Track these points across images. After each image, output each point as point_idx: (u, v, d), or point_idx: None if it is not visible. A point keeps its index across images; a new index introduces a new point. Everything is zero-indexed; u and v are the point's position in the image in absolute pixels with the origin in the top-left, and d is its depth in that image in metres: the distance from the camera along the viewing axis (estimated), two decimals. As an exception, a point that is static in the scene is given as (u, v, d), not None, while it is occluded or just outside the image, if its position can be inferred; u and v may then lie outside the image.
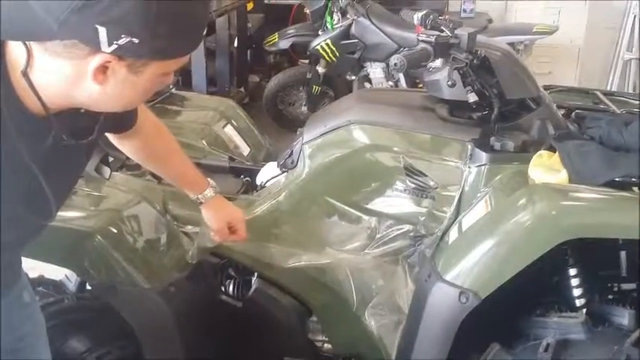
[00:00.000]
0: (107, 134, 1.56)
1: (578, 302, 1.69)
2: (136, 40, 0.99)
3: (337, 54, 4.49)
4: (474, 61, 1.75)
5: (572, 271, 1.70)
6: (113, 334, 1.77)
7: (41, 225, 1.31)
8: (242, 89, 5.51)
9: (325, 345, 2.05)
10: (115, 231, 1.79)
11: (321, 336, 2.06)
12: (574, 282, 1.70)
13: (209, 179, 1.80)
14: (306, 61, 4.99)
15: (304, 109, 4.95)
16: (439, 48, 1.73)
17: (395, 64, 1.73)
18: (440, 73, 1.88)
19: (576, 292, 1.70)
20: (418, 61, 1.75)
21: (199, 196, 1.77)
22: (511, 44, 3.75)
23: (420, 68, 1.88)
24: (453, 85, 1.71)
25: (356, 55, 4.51)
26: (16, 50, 1.06)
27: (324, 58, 4.54)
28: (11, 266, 1.35)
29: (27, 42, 1.04)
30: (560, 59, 4.47)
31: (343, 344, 2.00)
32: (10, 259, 1.32)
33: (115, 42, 0.98)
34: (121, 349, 1.79)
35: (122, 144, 1.64)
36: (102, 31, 0.96)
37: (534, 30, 4.25)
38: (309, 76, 4.79)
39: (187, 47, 1.10)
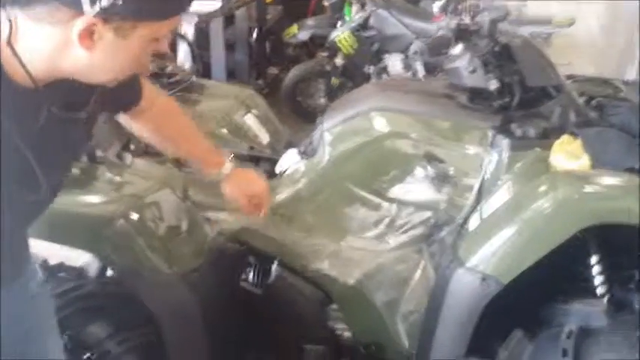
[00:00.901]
0: (120, 117, 1.53)
1: (600, 290, 1.68)
2: (119, 1, 0.97)
3: (356, 46, 4.49)
4: (495, 48, 1.74)
5: (594, 259, 1.69)
6: (134, 320, 1.77)
7: (37, 208, 1.26)
8: (260, 81, 5.52)
9: (345, 333, 2.04)
10: (137, 217, 1.80)
11: (341, 324, 2.05)
12: (596, 270, 1.69)
13: (224, 154, 1.74)
14: (325, 53, 4.99)
15: (323, 101, 4.95)
16: (460, 35, 1.73)
17: (415, 51, 1.72)
18: (460, 60, 1.87)
19: (598, 280, 1.69)
20: (438, 47, 1.76)
21: (219, 172, 1.72)
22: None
23: (440, 56, 1.88)
24: (474, 72, 1.71)
25: (374, 47, 4.50)
26: None
27: (343, 49, 4.54)
28: (12, 258, 1.23)
29: (9, 10, 1.01)
30: (579, 52, 4.42)
31: (363, 332, 1.99)
32: (12, 249, 1.21)
33: (97, 2, 0.96)
34: (142, 336, 1.79)
35: (133, 125, 1.59)
36: None
37: (553, 22, 4.22)
38: (327, 68, 4.78)
39: (175, 8, 1.08)
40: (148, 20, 1.04)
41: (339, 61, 4.65)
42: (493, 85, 1.86)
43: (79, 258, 1.79)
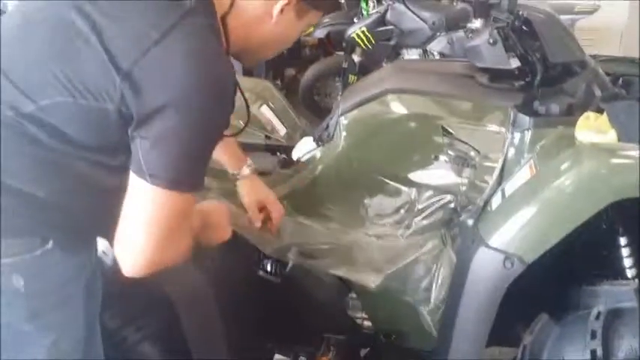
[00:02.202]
0: None
1: (630, 273, 1.62)
2: None
3: (373, 41, 4.43)
4: (516, 23, 1.69)
5: (623, 241, 1.63)
6: (151, 307, 1.75)
7: None
8: (278, 82, 5.51)
9: (365, 322, 2.00)
10: None
11: (360, 313, 2.01)
12: (625, 252, 1.63)
13: (248, 159, 1.82)
14: (342, 53, 4.95)
15: (340, 99, 4.91)
16: (479, 8, 1.68)
17: (433, 23, 1.68)
18: (480, 38, 1.82)
19: (627, 262, 1.63)
20: (457, 20, 1.71)
21: (236, 171, 1.81)
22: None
23: (459, 30, 1.82)
24: (494, 43, 1.65)
25: (392, 42, 4.43)
26: None
27: (360, 45, 4.49)
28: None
29: None
30: (602, 40, 4.35)
31: (383, 321, 1.95)
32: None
33: None
34: (160, 323, 1.77)
35: None
36: None
37: (576, 9, 4.15)
38: (344, 65, 4.74)
39: (329, 8, 1.41)
40: (318, 9, 1.31)
41: (356, 57, 4.61)
42: (514, 63, 1.80)
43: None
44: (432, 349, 1.78)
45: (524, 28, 1.77)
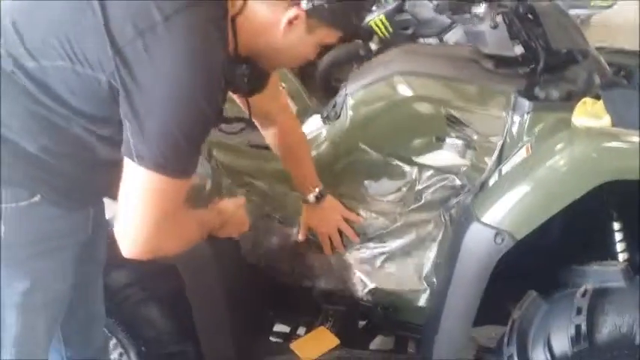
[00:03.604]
0: (255, 120, 1.76)
1: (621, 256, 1.66)
2: (326, 5, 1.24)
3: (390, 30, 4.48)
4: (519, 9, 1.73)
5: (617, 226, 1.67)
6: (158, 271, 1.81)
7: None
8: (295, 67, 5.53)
9: (365, 295, 2.05)
10: None
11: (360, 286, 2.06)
12: (617, 236, 1.68)
13: (318, 186, 1.90)
14: (361, 40, 4.98)
15: (356, 85, 4.94)
16: (483, -8, 1.73)
17: (437, 5, 1.73)
18: (484, 24, 1.87)
19: (620, 246, 1.67)
20: (461, 4, 1.74)
21: (304, 195, 1.92)
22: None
23: (463, 14, 1.87)
24: (495, 27, 1.70)
25: (409, 31, 4.49)
26: None
27: (378, 33, 4.53)
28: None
29: None
30: (618, 34, 4.34)
31: (381, 294, 2.00)
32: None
33: (312, 1, 1.23)
34: (165, 285, 1.84)
35: (264, 128, 1.85)
36: None
37: (592, 4, 4.15)
38: (362, 52, 4.78)
39: (348, 27, 1.34)
40: (332, 27, 1.30)
41: (373, 45, 4.65)
42: (518, 49, 1.85)
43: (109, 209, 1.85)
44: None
45: (528, 15, 1.81)
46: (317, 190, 1.89)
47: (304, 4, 1.23)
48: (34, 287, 1.32)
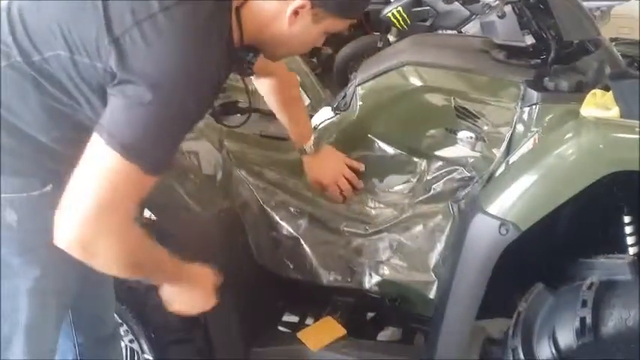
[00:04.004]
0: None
1: (632, 250, 1.65)
2: None
3: (408, 21, 4.45)
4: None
5: (627, 219, 1.66)
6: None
7: None
8: (314, 60, 5.54)
9: (373, 287, 2.06)
10: (177, 163, 1.86)
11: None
12: (628, 229, 1.66)
13: (312, 136, 1.94)
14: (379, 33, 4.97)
15: (374, 78, 4.92)
16: (493, -17, 1.71)
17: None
18: (495, 14, 1.85)
19: (630, 240, 1.66)
20: (471, -7, 1.73)
21: (301, 148, 1.96)
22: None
23: (472, 4, 1.86)
24: (502, 17, 1.69)
25: (427, 23, 4.46)
26: None
27: (396, 25, 4.51)
28: None
29: None
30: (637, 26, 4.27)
31: (389, 286, 2.00)
32: None
33: None
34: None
35: (260, 83, 1.86)
36: None
37: (611, -5, 4.10)
38: (379, 44, 4.76)
39: (357, 12, 1.37)
40: (338, 16, 1.30)
41: (392, 37, 4.63)
42: (529, 40, 1.84)
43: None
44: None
45: (539, 5, 1.80)
46: (311, 139, 1.92)
47: None
48: (45, 274, 1.34)
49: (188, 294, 1.43)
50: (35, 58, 1.22)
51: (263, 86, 1.88)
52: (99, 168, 1.13)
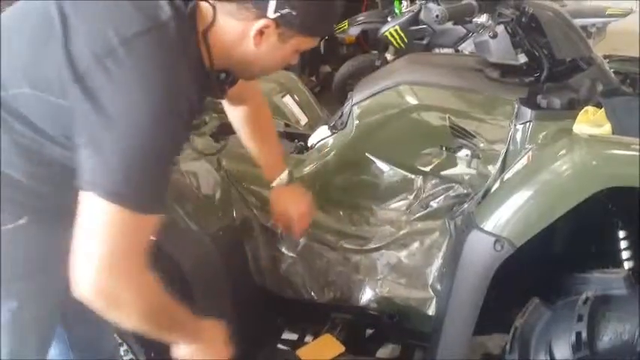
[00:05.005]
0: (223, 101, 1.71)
1: (627, 265, 1.66)
2: (294, 13, 1.20)
3: (406, 40, 4.48)
4: (522, 19, 1.75)
5: (622, 234, 1.67)
6: (165, 279, 1.85)
7: None
8: (313, 78, 5.59)
9: (371, 303, 2.07)
10: (175, 184, 1.87)
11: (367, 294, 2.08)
12: (623, 244, 1.68)
13: (285, 169, 1.84)
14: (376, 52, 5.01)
15: (372, 96, 4.96)
16: (485, 3, 1.74)
17: (436, 16, 1.74)
18: (488, 34, 1.88)
19: (625, 254, 1.67)
20: (461, 14, 1.76)
21: (271, 180, 1.86)
22: (583, 27, 3.67)
23: (465, 24, 1.89)
24: (494, 37, 1.72)
25: (424, 41, 4.49)
26: (203, 11, 1.24)
27: (393, 44, 4.54)
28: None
29: (213, 3, 1.22)
30: (636, 43, 4.30)
31: (387, 302, 2.01)
32: None
33: (279, 11, 1.19)
34: (172, 292, 1.86)
35: (231, 110, 1.79)
36: (272, 1, 1.19)
37: (607, 12, 4.13)
38: (378, 63, 4.80)
39: (325, 30, 1.38)
40: (305, 35, 1.28)
41: (389, 56, 4.67)
42: (522, 58, 1.87)
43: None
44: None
45: (532, 24, 1.83)
46: (287, 170, 1.84)
47: (270, 14, 1.20)
48: (22, 306, 1.32)
49: (203, 353, 1.37)
50: (2, 94, 1.20)
51: (234, 115, 1.81)
52: (95, 220, 1.12)
